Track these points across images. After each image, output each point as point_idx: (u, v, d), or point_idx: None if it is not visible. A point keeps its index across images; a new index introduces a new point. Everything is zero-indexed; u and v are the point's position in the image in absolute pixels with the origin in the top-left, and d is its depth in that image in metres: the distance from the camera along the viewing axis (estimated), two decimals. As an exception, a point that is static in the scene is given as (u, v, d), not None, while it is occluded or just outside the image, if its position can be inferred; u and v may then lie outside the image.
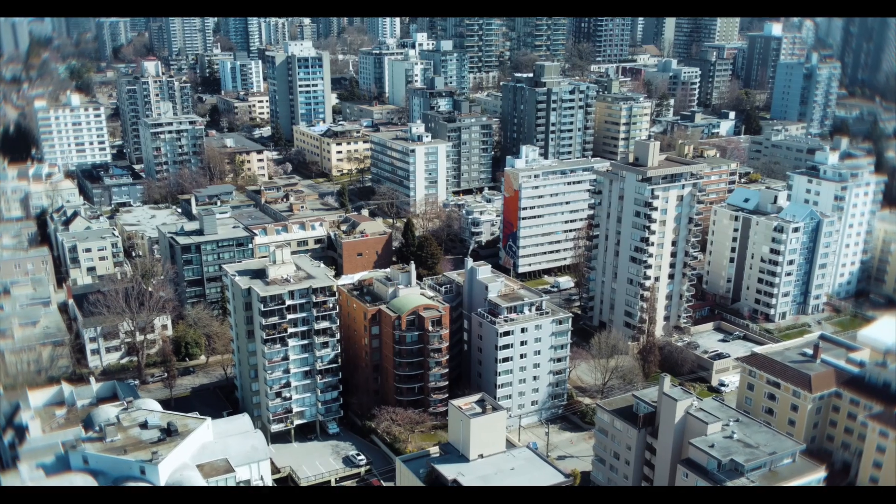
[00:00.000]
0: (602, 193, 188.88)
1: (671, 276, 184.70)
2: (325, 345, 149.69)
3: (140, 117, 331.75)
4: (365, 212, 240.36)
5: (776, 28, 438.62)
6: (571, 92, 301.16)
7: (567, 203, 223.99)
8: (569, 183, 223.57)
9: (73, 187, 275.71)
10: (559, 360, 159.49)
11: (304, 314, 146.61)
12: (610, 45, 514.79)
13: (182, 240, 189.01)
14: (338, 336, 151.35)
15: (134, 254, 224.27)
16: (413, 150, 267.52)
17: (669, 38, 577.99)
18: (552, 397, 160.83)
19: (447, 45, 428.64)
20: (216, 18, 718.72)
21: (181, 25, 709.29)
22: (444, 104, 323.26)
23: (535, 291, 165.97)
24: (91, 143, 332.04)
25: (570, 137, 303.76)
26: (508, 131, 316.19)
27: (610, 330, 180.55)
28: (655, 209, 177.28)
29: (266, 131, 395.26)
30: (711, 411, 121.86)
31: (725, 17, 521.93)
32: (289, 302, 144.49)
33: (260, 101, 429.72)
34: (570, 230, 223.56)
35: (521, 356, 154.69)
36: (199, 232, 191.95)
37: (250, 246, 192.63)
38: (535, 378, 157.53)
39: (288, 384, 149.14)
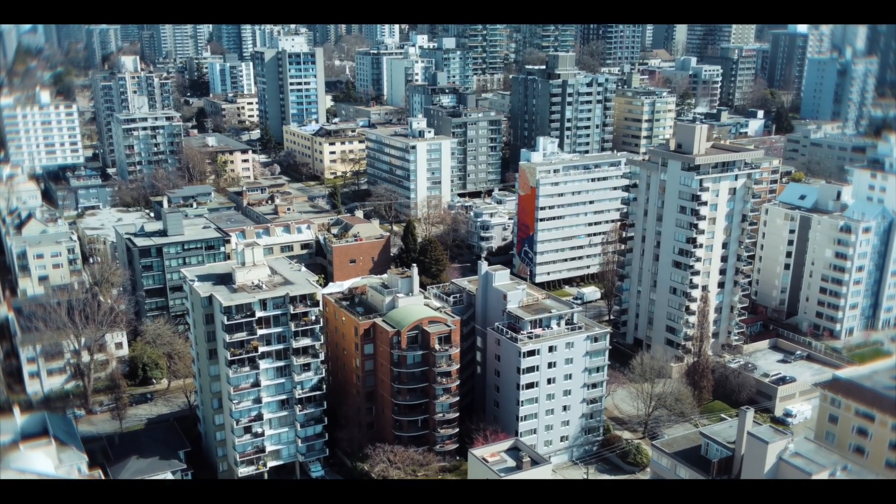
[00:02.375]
0: (638, 187, 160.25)
1: (721, 285, 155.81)
2: (306, 367, 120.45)
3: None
4: (359, 213, 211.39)
5: (801, 25, 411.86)
6: (589, 84, 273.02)
7: (591, 203, 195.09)
8: (593, 179, 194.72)
9: (34, 189, 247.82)
10: (594, 385, 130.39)
11: (279, 329, 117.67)
12: (620, 48, 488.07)
13: (141, 241, 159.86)
14: (322, 356, 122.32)
15: (92, 260, 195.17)
16: (414, 147, 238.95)
17: (682, 40, 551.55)
18: (585, 431, 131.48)
19: (449, 42, 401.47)
20: (210, 28, 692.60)
21: (172, 33, 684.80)
22: (447, 101, 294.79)
23: (564, 301, 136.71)
24: (62, 144, 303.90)
25: (588, 135, 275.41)
26: (519, 129, 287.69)
27: (649, 349, 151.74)
28: (704, 204, 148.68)
29: (255, 134, 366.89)
30: (809, 455, 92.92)
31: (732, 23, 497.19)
32: (260, 313, 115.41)
33: (249, 104, 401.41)
34: (595, 233, 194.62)
35: (549, 381, 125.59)
36: (163, 233, 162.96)
37: (223, 249, 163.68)
38: (565, 408, 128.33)
39: (259, 416, 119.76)
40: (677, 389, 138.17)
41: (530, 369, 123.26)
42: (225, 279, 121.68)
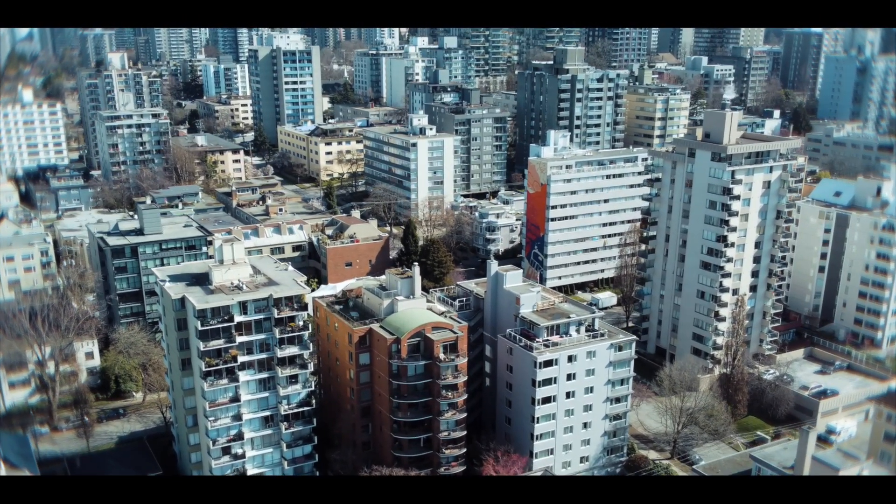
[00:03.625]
0: (662, 181, 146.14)
1: (753, 288, 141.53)
2: (292, 379, 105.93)
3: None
4: (356, 214, 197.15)
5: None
6: (599, 80, 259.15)
7: (606, 201, 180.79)
8: (608, 176, 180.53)
9: (11, 189, 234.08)
10: (618, 399, 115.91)
11: (262, 336, 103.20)
12: (626, 51, 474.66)
13: (114, 241, 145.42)
14: (312, 367, 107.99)
15: (66, 263, 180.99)
16: (415, 144, 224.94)
17: (688, 43, 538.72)
18: (608, 451, 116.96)
19: (451, 41, 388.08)
20: (206, 34, 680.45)
21: (167, 38, 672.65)
22: (449, 100, 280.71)
23: (584, 306, 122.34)
24: (46, 145, 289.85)
25: (598, 134, 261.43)
26: (525, 128, 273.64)
27: (673, 359, 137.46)
28: (737, 198, 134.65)
29: (249, 137, 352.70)
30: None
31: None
32: (239, 318, 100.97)
33: (244, 105, 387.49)
34: (611, 234, 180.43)
35: (568, 395, 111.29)
36: (139, 231, 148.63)
37: (205, 250, 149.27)
38: (585, 425, 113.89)
39: (239, 436, 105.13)
40: (709, 404, 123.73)
41: (547, 381, 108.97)
42: (201, 279, 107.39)
